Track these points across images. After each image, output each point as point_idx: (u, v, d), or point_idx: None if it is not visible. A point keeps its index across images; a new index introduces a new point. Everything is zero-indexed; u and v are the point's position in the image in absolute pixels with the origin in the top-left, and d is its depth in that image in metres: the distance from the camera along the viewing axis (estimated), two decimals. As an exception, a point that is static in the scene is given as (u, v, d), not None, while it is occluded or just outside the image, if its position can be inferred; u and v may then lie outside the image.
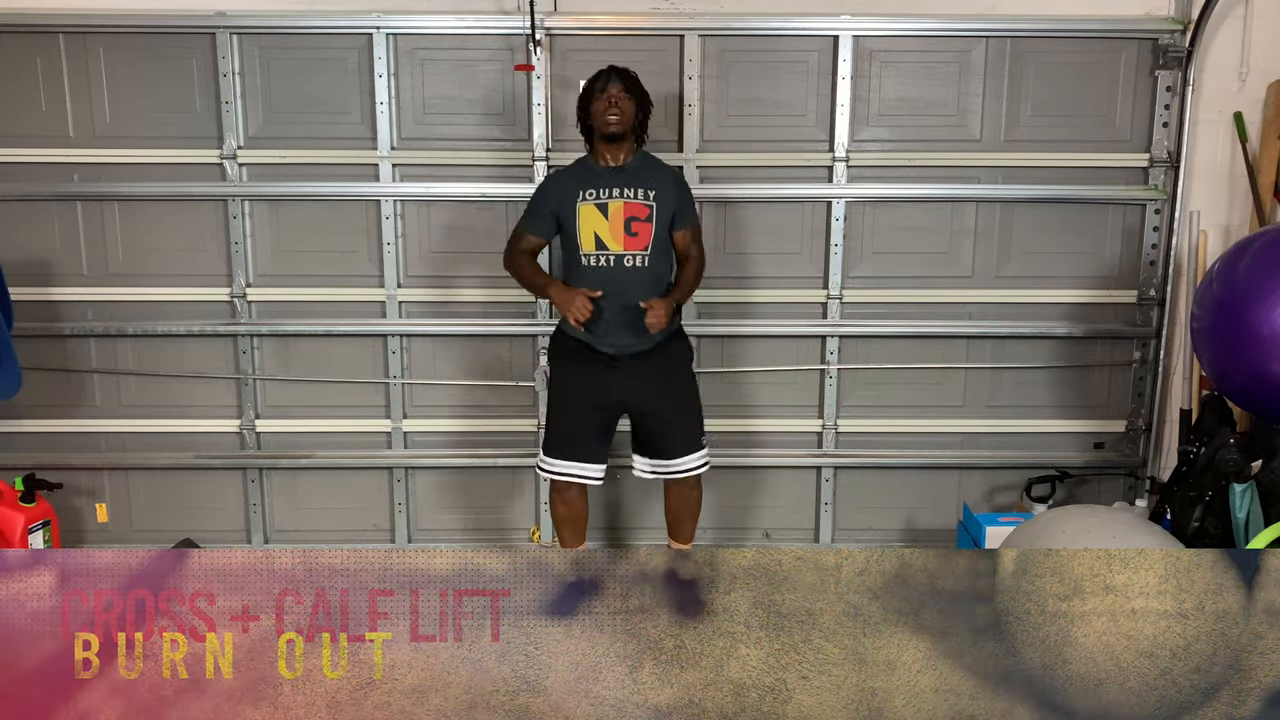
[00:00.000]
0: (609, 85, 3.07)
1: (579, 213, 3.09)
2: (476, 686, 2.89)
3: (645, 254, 3.10)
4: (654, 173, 3.16)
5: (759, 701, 2.81)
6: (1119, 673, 2.49)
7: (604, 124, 3.07)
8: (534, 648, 3.13)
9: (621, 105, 3.06)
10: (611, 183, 3.11)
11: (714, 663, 3.04)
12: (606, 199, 3.09)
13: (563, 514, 3.34)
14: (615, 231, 3.09)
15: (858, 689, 2.89)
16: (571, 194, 3.12)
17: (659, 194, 3.11)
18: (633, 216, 3.09)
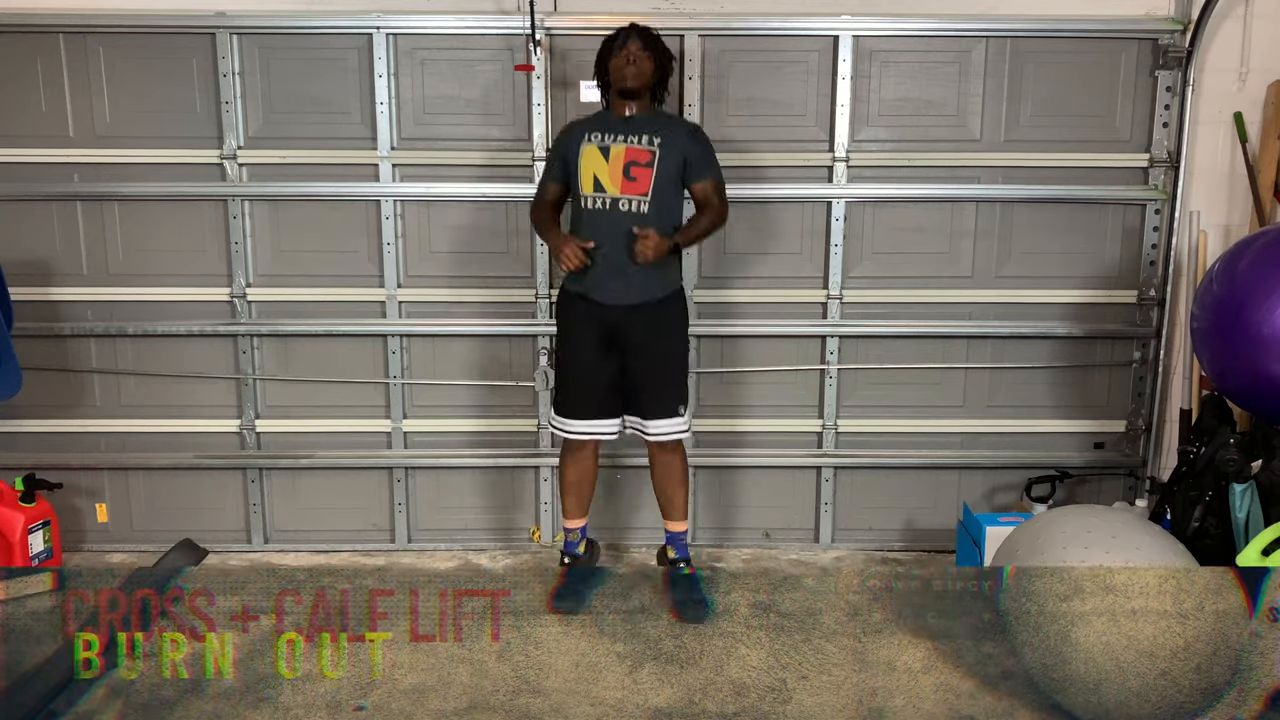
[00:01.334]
0: (628, 42, 3.12)
1: (581, 153, 3.14)
2: (476, 686, 2.88)
3: (643, 199, 3.10)
4: (665, 124, 3.19)
5: (759, 701, 2.81)
6: (1119, 673, 2.48)
7: (620, 79, 3.11)
8: (534, 648, 3.13)
9: (639, 62, 3.10)
10: (619, 129, 3.15)
11: (714, 663, 3.04)
12: (609, 142, 3.13)
13: (572, 477, 3.37)
14: (614, 174, 3.11)
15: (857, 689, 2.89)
16: (579, 137, 3.17)
17: (665, 142, 3.12)
18: (632, 161, 3.11)
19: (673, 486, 3.35)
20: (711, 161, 3.22)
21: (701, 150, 3.20)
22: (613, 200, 3.12)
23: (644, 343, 3.19)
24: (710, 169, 3.21)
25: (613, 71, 3.14)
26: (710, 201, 3.22)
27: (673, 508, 3.38)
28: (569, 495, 3.40)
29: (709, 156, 3.22)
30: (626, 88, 3.12)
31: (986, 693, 2.89)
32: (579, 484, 3.38)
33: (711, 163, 3.22)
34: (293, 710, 2.79)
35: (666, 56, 3.21)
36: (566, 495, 3.41)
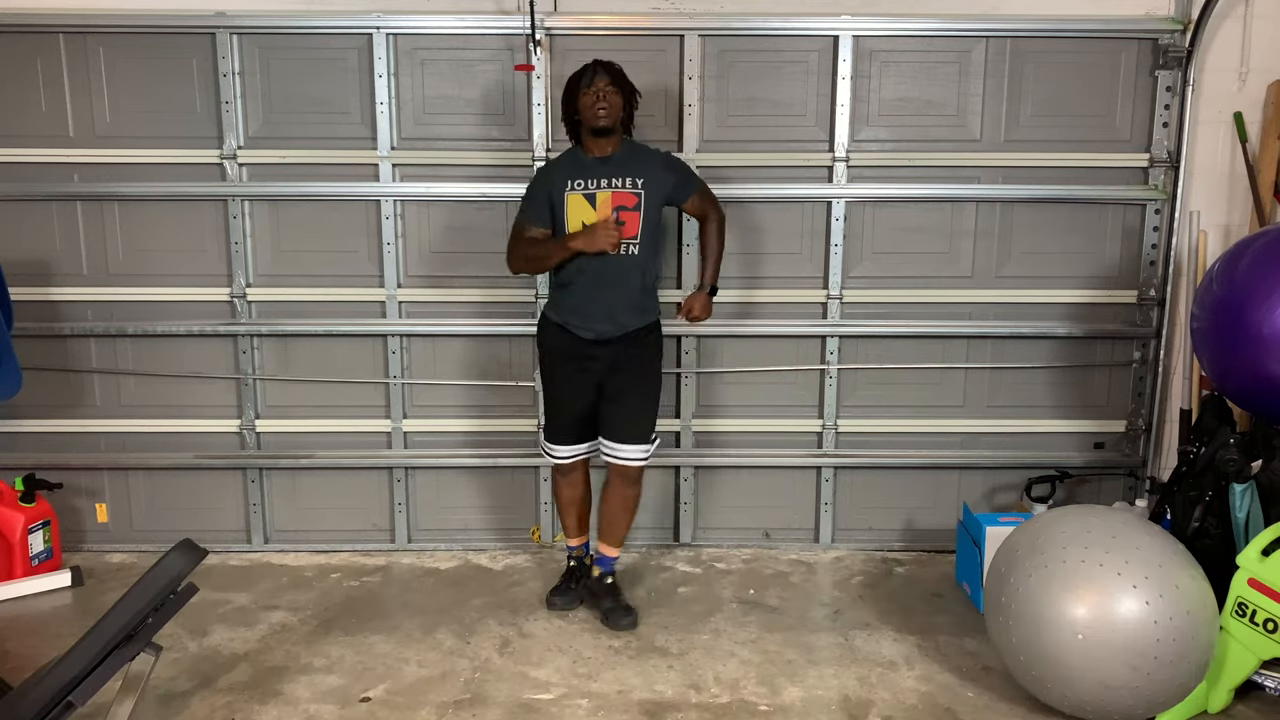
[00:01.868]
0: (595, 79, 3.09)
1: (567, 203, 3.12)
2: (476, 680, 2.89)
3: (633, 242, 3.12)
4: (641, 159, 3.18)
5: (749, 695, 2.81)
6: (1098, 669, 2.49)
7: (593, 118, 3.08)
8: (532, 643, 3.13)
9: (609, 99, 3.08)
10: (599, 173, 3.13)
11: (705, 658, 3.04)
12: (594, 189, 3.12)
13: (568, 497, 3.40)
14: None
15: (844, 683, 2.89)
16: (560, 184, 3.14)
17: (647, 181, 3.13)
18: (620, 206, 3.11)
19: (621, 514, 3.33)
20: (691, 178, 3.26)
21: (678, 175, 3.22)
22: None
23: (624, 371, 3.20)
24: (693, 184, 3.25)
25: (584, 110, 3.10)
26: (707, 211, 3.27)
27: (613, 534, 3.35)
28: (567, 515, 3.45)
29: (687, 175, 3.26)
30: (600, 126, 3.08)
31: (968, 686, 2.90)
32: (575, 504, 3.42)
33: (692, 179, 3.26)
34: (302, 703, 2.80)
35: (633, 90, 3.19)
36: (564, 515, 3.45)
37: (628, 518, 3.35)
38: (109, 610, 2.13)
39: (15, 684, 2.43)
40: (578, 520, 3.44)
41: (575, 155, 3.20)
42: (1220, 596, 2.64)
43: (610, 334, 3.16)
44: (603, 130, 3.09)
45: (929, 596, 3.52)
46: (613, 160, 3.14)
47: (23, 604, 3.43)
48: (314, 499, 3.91)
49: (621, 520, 3.33)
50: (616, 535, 3.35)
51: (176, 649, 3.07)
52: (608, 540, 3.35)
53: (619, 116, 3.12)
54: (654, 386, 3.28)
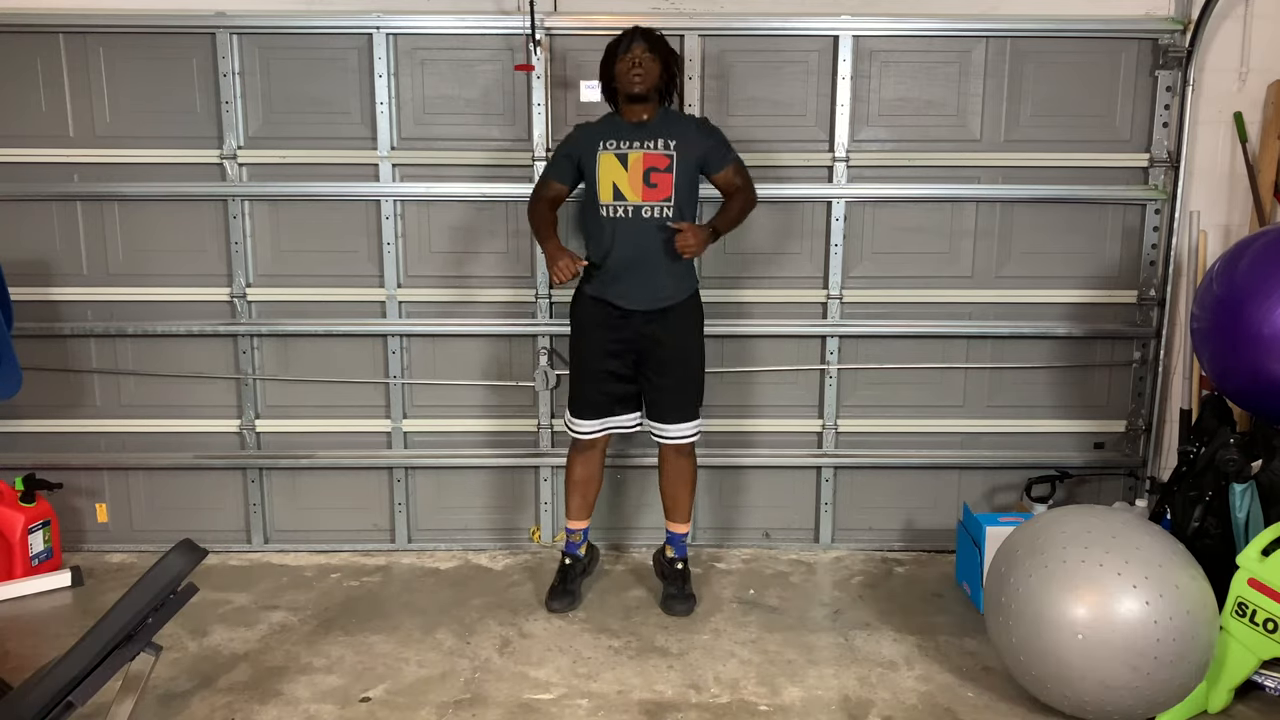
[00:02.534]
0: (632, 45, 3.10)
1: (599, 161, 3.14)
2: (476, 680, 2.89)
3: (666, 204, 3.12)
4: (676, 124, 3.19)
5: (749, 695, 2.81)
6: (1098, 669, 2.49)
7: (628, 84, 3.10)
8: (532, 643, 3.13)
9: (645, 65, 3.09)
10: (633, 135, 3.15)
11: (705, 657, 3.04)
12: (626, 149, 3.13)
13: (580, 475, 3.39)
14: (634, 182, 3.12)
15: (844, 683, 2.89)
16: (593, 143, 3.16)
17: (680, 144, 3.13)
18: (652, 167, 3.11)
19: (682, 489, 3.39)
20: (727, 148, 3.24)
21: (714, 141, 3.22)
22: (635, 208, 3.12)
23: (665, 346, 3.20)
24: (728, 156, 3.23)
25: (619, 76, 3.13)
26: (736, 185, 3.25)
27: (679, 510, 3.41)
28: (574, 495, 3.42)
29: (723, 144, 3.24)
30: (634, 92, 3.11)
31: (968, 686, 2.90)
32: (585, 483, 3.40)
33: (727, 149, 3.24)
34: (302, 703, 2.80)
35: (672, 57, 3.21)
36: (572, 494, 3.42)
37: (690, 489, 3.39)
38: (109, 610, 2.14)
39: (15, 684, 2.43)
40: (584, 501, 3.42)
41: (612, 119, 3.24)
42: (1220, 596, 2.64)
43: (648, 304, 3.16)
44: (638, 97, 3.11)
45: (929, 596, 3.52)
46: (649, 125, 3.17)
47: (23, 604, 3.43)
48: (314, 499, 3.91)
49: (685, 494, 3.38)
50: (683, 510, 3.39)
51: (176, 649, 3.07)
52: (675, 517, 3.40)
53: (655, 83, 3.13)
54: (698, 360, 3.30)
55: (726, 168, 3.23)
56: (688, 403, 3.28)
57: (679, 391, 3.26)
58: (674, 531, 3.42)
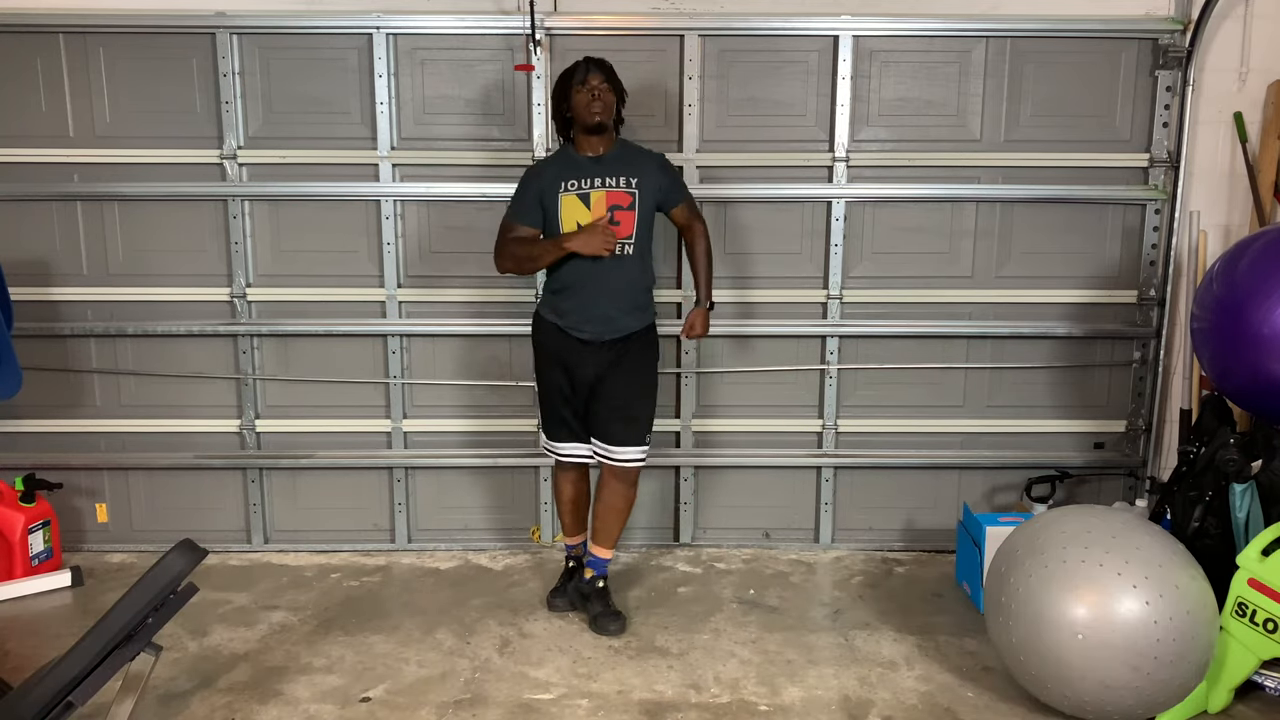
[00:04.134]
0: (589, 77, 3.07)
1: (561, 203, 3.11)
2: (476, 685, 2.89)
3: (628, 242, 3.11)
4: (634, 159, 3.17)
5: (749, 695, 2.81)
6: (1098, 669, 2.49)
7: (588, 115, 3.06)
8: (532, 643, 3.13)
9: (603, 97, 3.07)
10: (593, 172, 3.12)
11: (705, 657, 3.04)
12: (588, 189, 3.10)
13: (566, 494, 3.38)
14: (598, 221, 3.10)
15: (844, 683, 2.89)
16: (553, 184, 3.12)
17: (641, 180, 3.13)
18: (615, 205, 3.10)
19: (613, 516, 3.28)
20: (681, 185, 3.29)
21: (671, 179, 3.23)
22: None
23: (620, 372, 3.18)
24: (683, 192, 3.27)
25: (577, 108, 3.08)
26: (692, 222, 3.27)
27: (607, 535, 3.30)
28: (565, 513, 3.43)
29: (678, 181, 3.28)
30: (594, 124, 3.07)
31: (968, 686, 2.90)
32: (574, 502, 3.40)
33: (682, 186, 3.29)
34: (302, 703, 2.80)
35: (621, 86, 3.17)
36: (563, 513, 3.43)
37: (622, 519, 3.30)
38: (109, 610, 2.14)
39: (15, 684, 2.43)
40: (575, 519, 3.42)
41: (567, 154, 3.18)
42: (1220, 596, 2.64)
43: (606, 336, 3.15)
44: (597, 128, 3.08)
45: (929, 596, 3.52)
46: (606, 159, 3.13)
47: (23, 604, 3.43)
48: (314, 499, 3.91)
49: (615, 522, 3.28)
50: (610, 537, 3.30)
51: (176, 649, 3.07)
52: (600, 541, 3.30)
53: (612, 114, 3.12)
54: (650, 387, 3.26)
55: (682, 204, 3.24)
56: (637, 426, 3.21)
57: (629, 413, 3.20)
58: (596, 556, 3.33)
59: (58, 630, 3.19)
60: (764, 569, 3.75)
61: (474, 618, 3.33)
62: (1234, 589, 2.67)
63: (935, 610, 3.40)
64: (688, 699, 2.82)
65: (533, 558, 3.84)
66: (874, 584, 3.63)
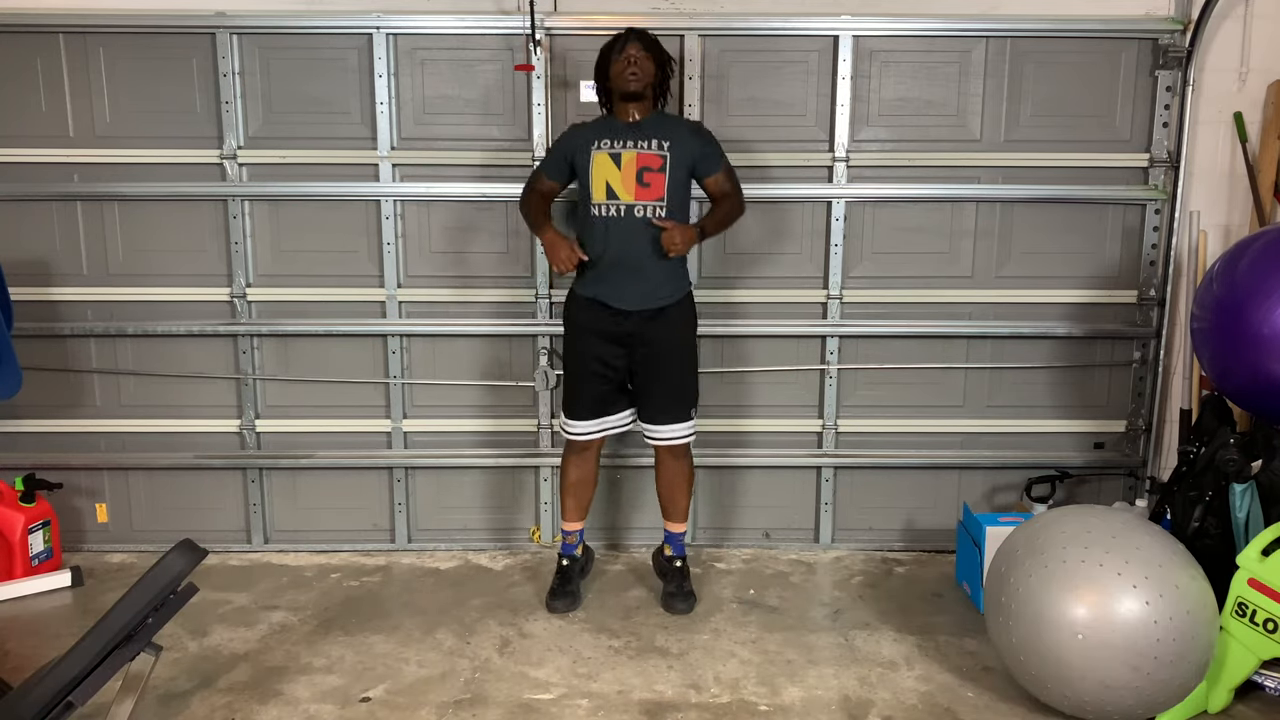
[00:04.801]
0: (627, 45, 3.13)
1: (593, 160, 3.15)
2: (476, 685, 2.89)
3: (659, 204, 3.13)
4: (670, 125, 3.22)
5: (749, 695, 2.81)
6: (1098, 669, 2.49)
7: (624, 82, 3.12)
8: (531, 643, 3.13)
9: (640, 64, 3.12)
10: (627, 135, 3.16)
11: (706, 657, 3.04)
12: (620, 149, 3.14)
13: (575, 477, 3.40)
14: (627, 181, 3.13)
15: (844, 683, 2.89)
16: (587, 142, 3.18)
17: (674, 145, 3.15)
18: (645, 167, 3.13)
19: (678, 490, 3.40)
20: (719, 154, 3.26)
21: (707, 146, 3.24)
22: (628, 207, 3.14)
23: (659, 347, 3.22)
24: (719, 161, 3.25)
25: (614, 76, 3.15)
26: (725, 191, 3.26)
27: (675, 510, 3.42)
28: (569, 496, 3.42)
29: (716, 150, 3.26)
30: (630, 91, 3.13)
31: (968, 686, 2.90)
32: (580, 485, 3.40)
33: (719, 155, 3.26)
34: (302, 703, 2.80)
35: (666, 58, 3.23)
36: (567, 496, 3.43)
37: (688, 490, 3.41)
38: (109, 610, 2.14)
39: (15, 684, 2.43)
40: (579, 503, 3.43)
41: (606, 119, 3.26)
42: (1220, 596, 2.64)
43: (642, 306, 3.17)
44: (633, 95, 3.14)
45: (929, 596, 3.52)
46: (643, 124, 3.18)
47: (23, 604, 3.43)
48: (314, 499, 3.91)
49: (682, 495, 3.40)
50: (679, 510, 3.41)
51: (176, 649, 3.07)
52: (672, 517, 3.41)
53: (650, 82, 3.16)
54: (691, 361, 3.33)
55: (717, 173, 3.25)
56: (681, 403, 3.29)
57: (672, 392, 3.27)
58: (672, 531, 3.44)
59: (58, 630, 3.19)
60: (764, 569, 3.75)
61: (474, 618, 3.33)
62: (1234, 589, 2.67)
63: (935, 610, 3.40)
64: (688, 699, 2.82)
65: (533, 558, 3.84)
66: (874, 584, 3.63)
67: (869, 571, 3.73)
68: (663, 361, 3.23)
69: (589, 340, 3.24)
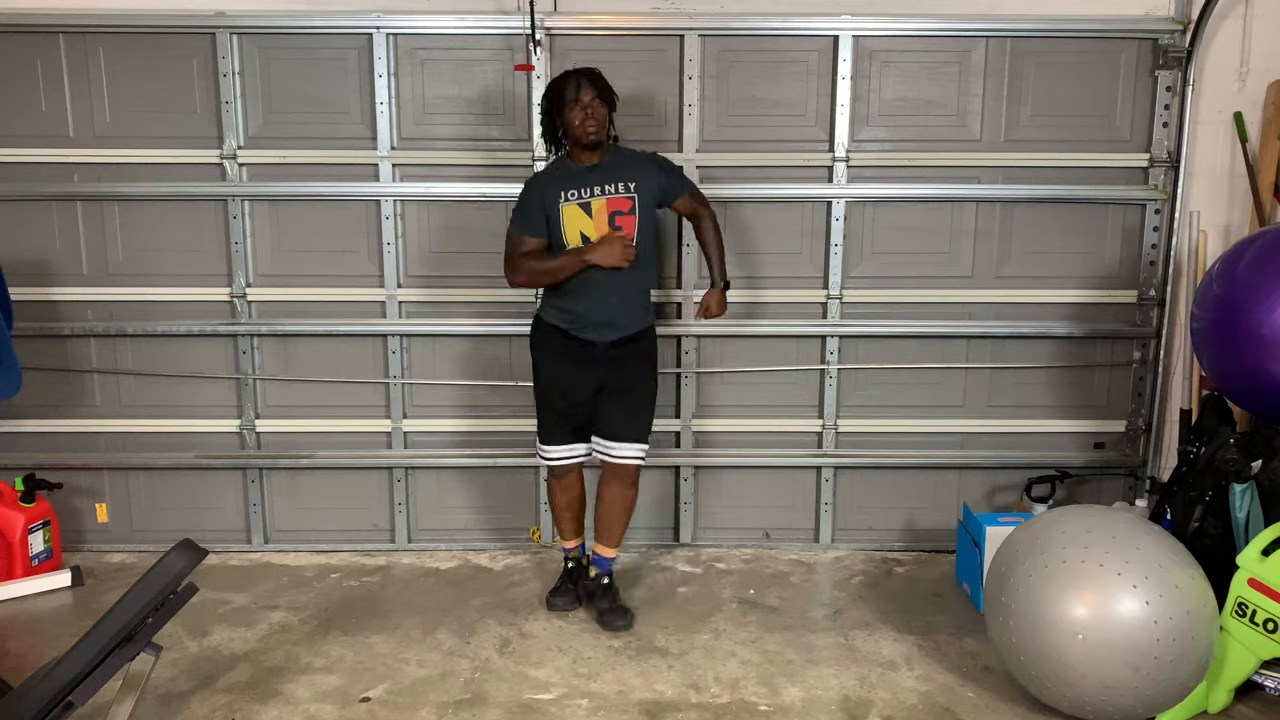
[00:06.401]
0: (580, 93, 3.05)
1: (563, 214, 3.12)
2: (476, 685, 2.89)
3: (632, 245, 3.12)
4: (631, 164, 3.18)
5: (748, 694, 2.81)
6: (1098, 669, 2.49)
7: (583, 134, 3.06)
8: (532, 643, 3.13)
9: (596, 113, 3.05)
10: (591, 181, 3.13)
11: (705, 658, 3.04)
12: (589, 198, 3.12)
13: (562, 501, 3.39)
14: (600, 228, 3.13)
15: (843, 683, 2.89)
16: (554, 196, 3.13)
17: (639, 183, 3.15)
18: (616, 211, 3.13)
19: (617, 515, 3.32)
20: (680, 179, 3.30)
21: (669, 176, 3.24)
22: None
23: (623, 372, 3.22)
24: (682, 185, 3.28)
25: (571, 126, 3.07)
26: (698, 209, 3.29)
27: (610, 535, 3.34)
28: (562, 519, 3.44)
29: (676, 176, 3.29)
30: (589, 142, 3.07)
31: (968, 686, 2.90)
32: (570, 507, 3.41)
33: (680, 179, 3.29)
34: (302, 703, 2.80)
35: (612, 94, 3.14)
36: (560, 519, 3.44)
37: (625, 519, 3.33)
38: (109, 610, 2.14)
39: (15, 684, 2.43)
40: (573, 523, 3.43)
41: (564, 165, 3.18)
42: (1220, 596, 2.64)
43: (609, 337, 3.17)
44: (593, 144, 3.09)
45: (929, 596, 3.52)
46: (603, 168, 3.14)
47: (23, 604, 3.43)
48: (314, 499, 3.91)
49: (619, 521, 3.32)
50: (614, 536, 3.33)
51: (176, 649, 3.07)
52: (605, 541, 3.34)
53: (606, 126, 3.10)
54: (651, 387, 3.30)
55: (684, 195, 3.26)
56: (638, 424, 3.25)
57: (631, 412, 3.24)
58: (601, 555, 3.37)
59: (58, 630, 3.19)
60: (764, 569, 3.75)
61: (474, 618, 3.33)
62: (1234, 589, 2.67)
63: (935, 610, 3.40)
64: (688, 699, 2.82)
65: (533, 558, 3.84)
66: (874, 584, 3.63)
67: (869, 571, 3.73)
68: (626, 381, 3.22)
69: (558, 366, 3.23)
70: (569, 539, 3.45)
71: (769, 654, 3.09)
